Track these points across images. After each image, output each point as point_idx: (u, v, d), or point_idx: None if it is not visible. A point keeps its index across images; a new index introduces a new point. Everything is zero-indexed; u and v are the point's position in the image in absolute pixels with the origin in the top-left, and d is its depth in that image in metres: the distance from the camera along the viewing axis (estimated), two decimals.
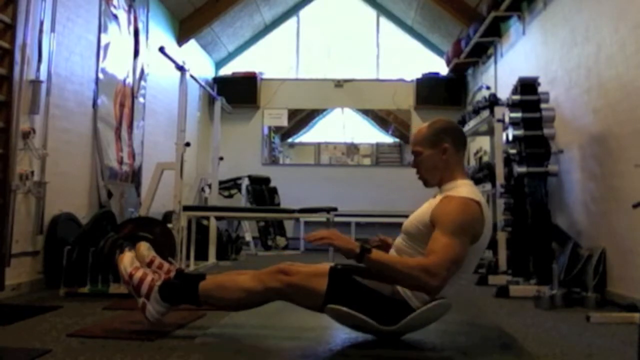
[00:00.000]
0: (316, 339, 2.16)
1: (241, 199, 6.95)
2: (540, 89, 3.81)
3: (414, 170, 2.15)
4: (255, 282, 2.04)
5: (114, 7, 4.57)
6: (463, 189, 2.01)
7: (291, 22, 8.15)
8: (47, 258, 3.43)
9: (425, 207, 2.05)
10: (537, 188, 3.66)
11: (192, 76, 4.52)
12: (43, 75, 3.40)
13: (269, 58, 8.12)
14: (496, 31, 5.60)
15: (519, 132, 3.73)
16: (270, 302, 2.09)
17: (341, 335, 2.17)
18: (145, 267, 2.23)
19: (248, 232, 6.58)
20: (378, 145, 8.08)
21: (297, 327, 2.23)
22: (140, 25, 5.13)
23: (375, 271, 1.91)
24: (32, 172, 3.29)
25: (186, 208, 4.31)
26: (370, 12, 8.14)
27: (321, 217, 4.66)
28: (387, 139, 8.10)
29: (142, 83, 5.17)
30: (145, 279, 2.11)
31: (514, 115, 3.77)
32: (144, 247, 2.34)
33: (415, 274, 1.83)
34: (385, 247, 2.18)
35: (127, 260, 2.17)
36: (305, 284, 1.98)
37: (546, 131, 3.69)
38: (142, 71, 5.16)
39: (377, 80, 8.02)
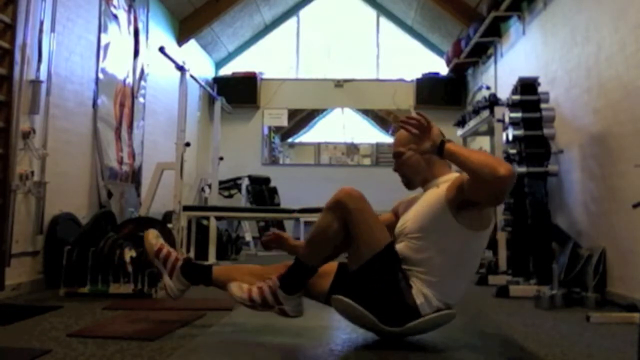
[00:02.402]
0: (316, 339, 2.16)
1: (241, 199, 6.95)
2: (540, 89, 3.81)
3: (399, 172, 2.15)
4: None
5: (114, 7, 4.57)
6: (457, 174, 2.01)
7: (291, 22, 8.15)
8: (47, 258, 3.43)
9: (425, 202, 2.01)
10: (537, 188, 3.66)
11: (192, 76, 4.53)
12: (43, 75, 3.40)
13: (269, 58, 8.12)
14: (496, 31, 5.60)
15: (519, 132, 3.73)
16: None
17: (341, 335, 2.18)
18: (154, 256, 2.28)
19: (248, 232, 6.58)
20: (378, 145, 8.08)
21: (297, 327, 2.23)
22: (140, 25, 5.13)
23: (456, 162, 1.81)
24: (32, 172, 3.29)
25: (186, 208, 4.32)
26: (370, 12, 8.14)
27: None
28: (387, 139, 8.10)
29: (142, 83, 5.17)
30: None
31: (514, 115, 3.77)
32: (153, 235, 2.33)
33: (491, 159, 1.75)
34: (278, 241, 2.28)
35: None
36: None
37: (546, 131, 3.69)
38: (142, 71, 5.16)
39: (377, 80, 8.02)
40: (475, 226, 1.92)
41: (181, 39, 6.42)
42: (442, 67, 7.62)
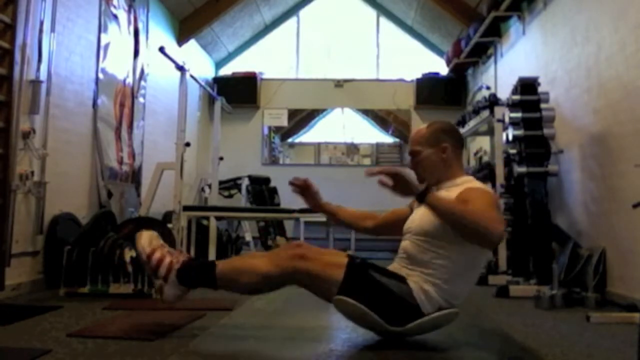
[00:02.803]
0: (316, 339, 2.16)
1: (241, 199, 6.94)
2: (540, 89, 3.81)
3: (414, 170, 2.15)
4: (272, 266, 2.00)
5: (114, 7, 4.57)
6: (472, 183, 2.03)
7: (291, 22, 8.14)
8: (47, 258, 3.42)
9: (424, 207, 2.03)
10: (537, 188, 3.66)
11: (192, 76, 4.52)
12: (43, 75, 3.40)
13: (269, 58, 8.11)
14: (496, 31, 5.59)
15: (519, 132, 3.73)
16: (286, 286, 2.08)
17: (341, 335, 2.17)
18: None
19: (248, 232, 6.57)
20: (378, 145, 8.08)
21: (297, 327, 2.23)
22: (140, 25, 5.13)
23: (438, 213, 1.85)
24: (32, 172, 3.29)
25: (186, 208, 4.31)
26: (370, 12, 8.14)
27: (321, 217, 4.65)
28: (387, 139, 8.10)
29: (142, 83, 5.17)
30: (164, 261, 2.06)
31: (514, 115, 3.77)
32: (146, 237, 2.15)
33: (480, 217, 1.77)
34: (304, 190, 2.29)
35: (145, 239, 2.13)
36: (323, 273, 1.97)
37: (546, 131, 3.69)
38: (142, 71, 5.16)
39: (377, 80, 8.02)
40: None
41: (181, 39, 6.41)
42: (442, 67, 7.62)
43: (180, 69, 4.28)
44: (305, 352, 1.97)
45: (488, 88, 5.87)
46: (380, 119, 8.14)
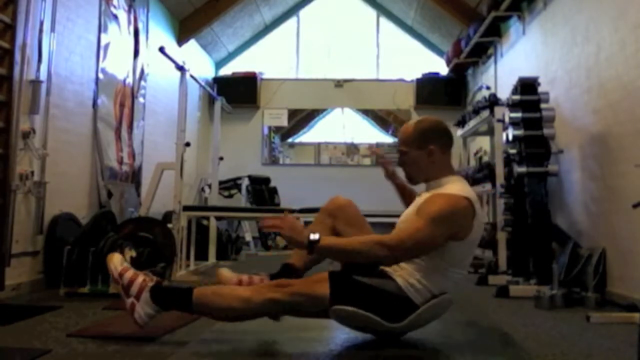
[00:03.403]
0: (316, 339, 2.15)
1: (241, 199, 6.95)
2: (540, 89, 3.81)
3: (402, 168, 2.16)
4: (254, 292, 1.95)
5: (114, 7, 4.57)
6: (451, 185, 2.01)
7: (291, 22, 8.15)
8: (47, 258, 3.42)
9: (415, 206, 2.04)
10: (537, 188, 3.66)
11: (192, 76, 4.53)
12: (43, 75, 3.40)
13: (269, 58, 8.12)
14: (496, 31, 5.60)
15: (519, 132, 3.73)
16: (267, 315, 2.01)
17: (341, 335, 2.17)
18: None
19: (248, 232, 6.58)
20: (378, 145, 8.07)
21: (297, 328, 2.22)
22: (140, 25, 5.13)
23: (332, 258, 1.93)
24: (32, 172, 3.29)
25: (186, 208, 4.31)
26: (370, 12, 8.14)
27: None
28: (387, 139, 8.09)
29: (142, 83, 5.17)
30: (136, 279, 2.02)
31: (514, 115, 3.77)
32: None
33: (368, 247, 1.85)
34: (383, 160, 2.33)
35: (116, 260, 2.12)
36: (308, 290, 1.94)
37: (546, 131, 3.69)
38: (142, 71, 5.16)
39: (377, 80, 8.02)
40: (455, 238, 1.93)
41: (181, 39, 6.42)
42: (442, 67, 7.62)
43: (180, 69, 4.28)
44: (305, 352, 1.97)
45: (488, 88, 5.87)
46: (380, 119, 8.14)
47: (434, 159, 2.05)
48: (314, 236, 1.85)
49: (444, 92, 7.51)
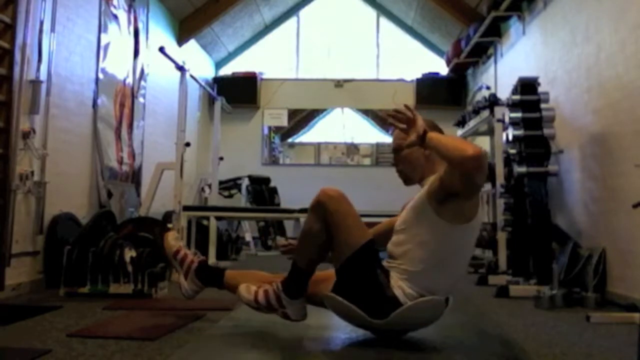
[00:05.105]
0: (316, 339, 2.16)
1: (241, 199, 6.95)
2: (540, 89, 3.81)
3: (397, 167, 2.16)
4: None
5: (114, 7, 4.57)
6: None
7: (291, 22, 8.15)
8: (47, 258, 3.42)
9: (411, 203, 2.03)
10: (537, 188, 3.66)
11: (192, 76, 4.53)
12: (43, 75, 3.40)
13: (269, 58, 8.12)
14: (496, 31, 5.60)
15: (519, 132, 3.73)
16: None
17: (341, 335, 2.17)
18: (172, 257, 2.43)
19: (248, 232, 6.58)
20: (378, 145, 8.08)
21: (296, 327, 2.22)
22: (140, 25, 5.13)
23: (435, 150, 1.88)
24: (32, 172, 3.29)
25: (186, 208, 4.31)
26: (370, 12, 8.15)
27: None
28: (387, 139, 8.09)
29: (142, 83, 5.17)
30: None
31: (514, 115, 3.77)
32: (172, 236, 2.49)
33: (460, 143, 1.81)
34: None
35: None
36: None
37: (546, 131, 3.69)
38: (142, 71, 5.16)
39: (377, 80, 8.02)
40: (458, 220, 1.91)
41: (181, 39, 6.42)
42: (442, 67, 7.62)
43: (180, 69, 4.29)
44: (306, 351, 1.97)
45: (488, 88, 5.87)
46: (380, 119, 8.14)
47: (428, 153, 2.02)
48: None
49: (444, 92, 7.51)
